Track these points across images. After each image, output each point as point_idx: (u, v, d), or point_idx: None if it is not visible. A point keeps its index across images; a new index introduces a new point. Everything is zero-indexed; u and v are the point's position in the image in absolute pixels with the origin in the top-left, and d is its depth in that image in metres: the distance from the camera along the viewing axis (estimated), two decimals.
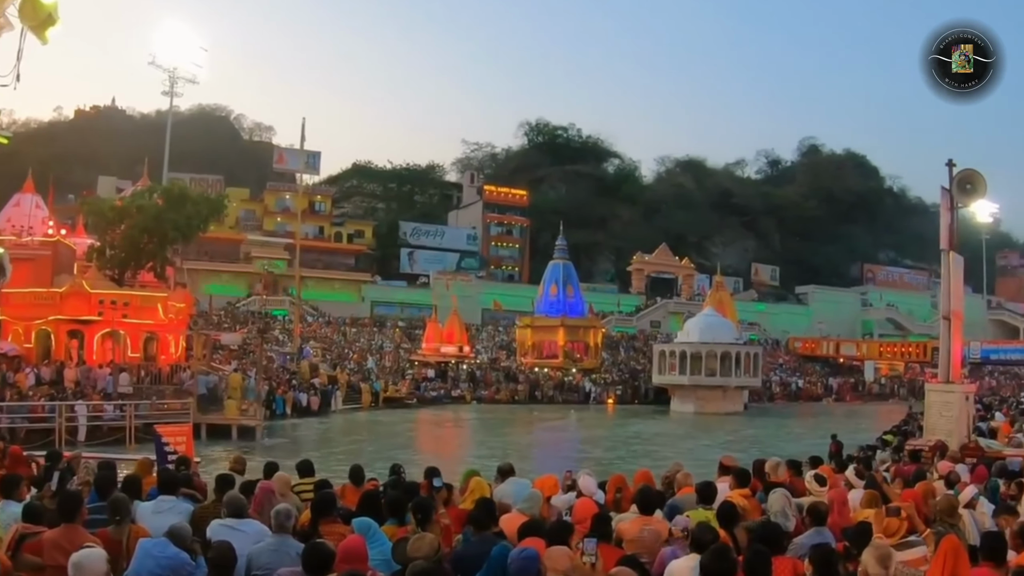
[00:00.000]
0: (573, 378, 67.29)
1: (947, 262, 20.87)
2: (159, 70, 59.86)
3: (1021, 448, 19.35)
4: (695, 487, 10.33)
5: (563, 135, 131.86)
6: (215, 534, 7.60)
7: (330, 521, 8.14)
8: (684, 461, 15.49)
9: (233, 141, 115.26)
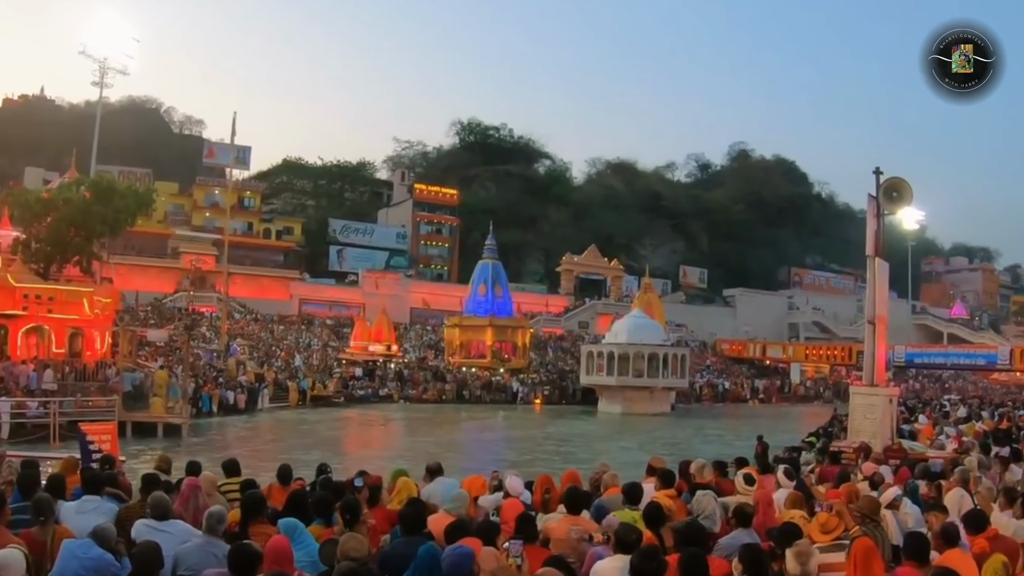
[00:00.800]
0: (501, 378, 67.25)
1: (873, 268, 21.13)
2: (90, 60, 58.98)
3: (943, 450, 19.62)
4: (622, 488, 10.40)
5: (495, 135, 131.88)
6: (140, 535, 7.54)
7: (260, 522, 8.10)
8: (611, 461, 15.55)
9: (163, 134, 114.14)
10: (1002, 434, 23.92)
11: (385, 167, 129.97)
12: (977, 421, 30.93)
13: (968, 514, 9.46)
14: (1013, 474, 14.88)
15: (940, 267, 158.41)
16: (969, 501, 11.22)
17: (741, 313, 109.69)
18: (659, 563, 6.08)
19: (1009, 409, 41.53)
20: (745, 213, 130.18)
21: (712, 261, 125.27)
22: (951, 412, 37.29)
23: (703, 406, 70.83)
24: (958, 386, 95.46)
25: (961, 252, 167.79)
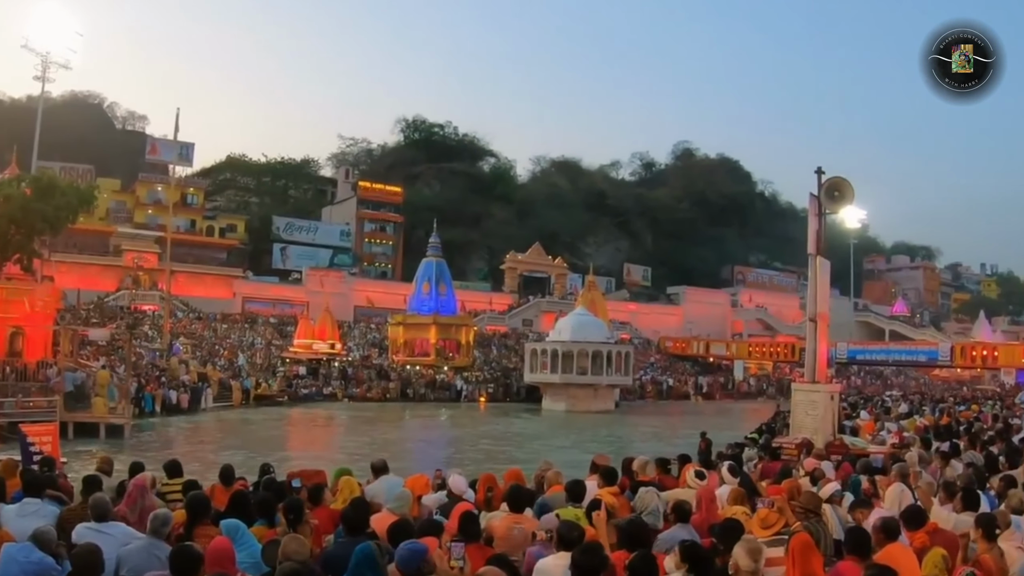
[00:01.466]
0: (445, 376, 67.15)
1: (814, 266, 21.28)
2: (32, 54, 58.20)
3: (884, 445, 19.76)
4: (565, 485, 10.39)
5: (439, 133, 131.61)
6: (81, 537, 7.42)
7: (204, 524, 8.02)
8: (554, 459, 15.55)
9: (105, 130, 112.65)
10: (943, 429, 24.12)
11: (329, 164, 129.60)
12: (918, 417, 31.24)
13: (907, 510, 9.52)
14: (953, 469, 14.99)
15: (882, 265, 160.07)
16: (909, 496, 11.29)
17: (685, 311, 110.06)
18: (601, 559, 6.10)
19: (950, 405, 41.96)
20: (689, 211, 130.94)
21: (656, 259, 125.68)
22: (892, 408, 37.58)
23: (647, 403, 71.13)
24: (900, 382, 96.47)
25: (903, 250, 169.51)
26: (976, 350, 73.97)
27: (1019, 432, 24.88)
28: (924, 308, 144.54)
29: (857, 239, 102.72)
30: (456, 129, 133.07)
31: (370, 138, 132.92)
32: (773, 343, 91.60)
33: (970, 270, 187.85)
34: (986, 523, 8.29)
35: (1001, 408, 39.90)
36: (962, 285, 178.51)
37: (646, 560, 6.25)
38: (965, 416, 31.97)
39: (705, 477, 11.82)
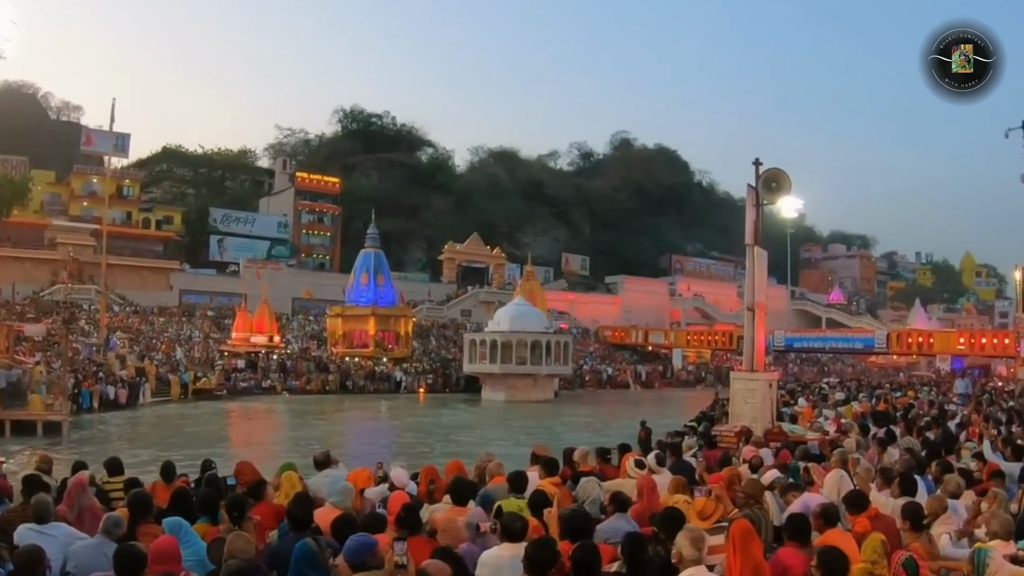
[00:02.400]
0: (384, 367, 67.00)
1: (752, 256, 21.38)
2: None
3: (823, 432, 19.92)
4: (507, 477, 10.39)
5: (377, 123, 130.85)
6: (22, 539, 7.34)
7: (147, 522, 7.94)
8: (495, 449, 15.56)
9: (39, 120, 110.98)
10: (879, 415, 24.33)
11: (266, 155, 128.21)
12: (855, 403, 31.51)
13: (849, 494, 9.65)
14: (890, 455, 15.12)
15: (819, 254, 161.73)
16: (848, 482, 11.39)
17: (623, 300, 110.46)
18: (553, 553, 6.12)
19: (886, 391, 42.31)
20: (627, 201, 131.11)
21: (594, 249, 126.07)
22: (830, 395, 37.82)
23: (587, 392, 71.35)
24: (836, 369, 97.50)
25: (839, 239, 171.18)
26: (912, 337, 74.82)
27: (954, 418, 25.18)
28: (860, 296, 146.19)
29: (794, 228, 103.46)
30: (394, 119, 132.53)
31: (308, 128, 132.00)
32: (711, 331, 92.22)
33: (906, 258, 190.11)
34: (912, 513, 8.39)
35: (937, 394, 40.36)
36: (898, 273, 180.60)
37: (589, 551, 6.27)
38: (901, 402, 32.30)
39: (645, 466, 11.87)
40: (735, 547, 6.78)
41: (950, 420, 24.26)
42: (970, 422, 22.92)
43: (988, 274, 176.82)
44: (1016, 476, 12.77)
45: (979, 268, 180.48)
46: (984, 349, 69.17)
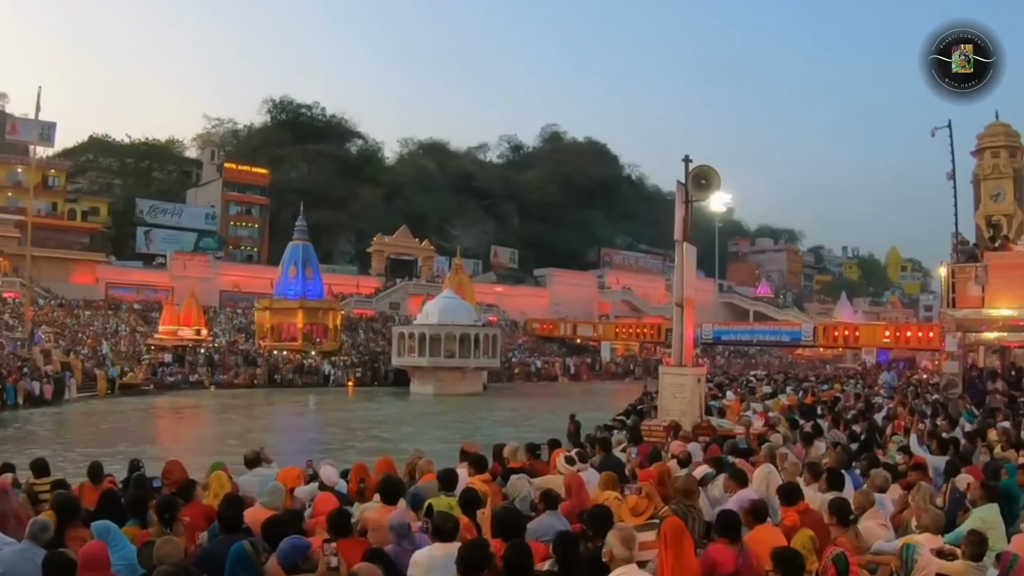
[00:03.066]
0: (313, 361, 66.80)
1: (681, 252, 21.46)
2: None
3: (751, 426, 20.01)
4: (436, 474, 10.36)
5: (307, 113, 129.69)
6: None
7: (75, 526, 7.79)
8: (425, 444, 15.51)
9: None
10: (806, 409, 24.51)
11: (195, 145, 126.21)
12: (782, 397, 31.68)
13: (782, 487, 9.68)
14: (817, 448, 15.23)
15: (746, 248, 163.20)
16: (777, 477, 11.44)
17: (552, 293, 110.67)
18: (486, 554, 6.11)
19: (813, 384, 42.58)
20: (556, 194, 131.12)
21: (523, 242, 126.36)
22: (757, 388, 38.01)
23: (515, 385, 71.52)
24: (763, 362, 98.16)
25: (766, 234, 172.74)
26: (838, 330, 75.77)
27: (880, 411, 25.40)
28: (787, 289, 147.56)
29: (722, 222, 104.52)
30: (324, 110, 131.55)
31: (236, 118, 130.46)
32: (640, 324, 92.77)
33: (832, 253, 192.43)
34: (839, 509, 8.44)
35: (863, 387, 40.60)
36: (824, 267, 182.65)
37: (521, 550, 6.26)
38: (828, 395, 32.49)
39: (575, 462, 11.87)
40: (667, 544, 6.79)
41: (876, 413, 24.44)
42: (896, 415, 23.09)
43: (913, 268, 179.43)
44: (941, 469, 12.88)
45: (904, 263, 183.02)
46: (909, 342, 70.09)
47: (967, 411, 23.62)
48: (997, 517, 9.20)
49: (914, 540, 7.98)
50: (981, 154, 34.06)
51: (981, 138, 34.15)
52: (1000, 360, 34.32)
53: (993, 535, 8.42)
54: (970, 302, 29.97)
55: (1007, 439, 16.86)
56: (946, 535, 8.62)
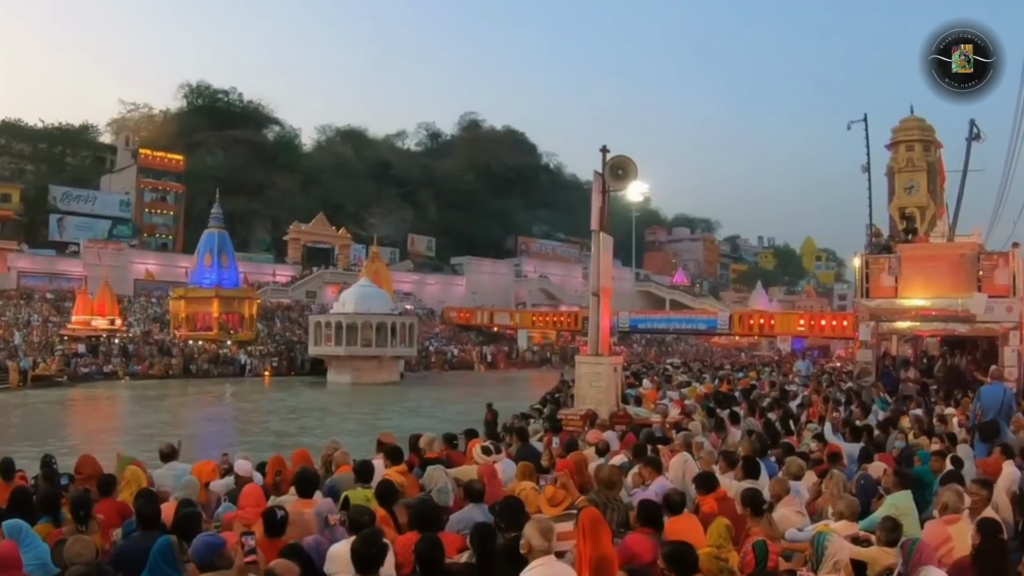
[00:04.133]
0: (228, 351, 66.29)
1: (597, 242, 21.52)
2: None
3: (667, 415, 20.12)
4: (352, 466, 10.31)
5: (224, 99, 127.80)
6: None
7: None
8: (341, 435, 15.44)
9: None
10: (722, 397, 24.69)
11: (109, 131, 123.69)
12: (698, 385, 31.90)
13: (699, 475, 9.80)
14: (733, 436, 15.36)
15: (663, 237, 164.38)
16: (693, 466, 11.53)
17: (469, 281, 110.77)
18: (379, 547, 6.09)
19: (729, 372, 42.94)
20: (474, 182, 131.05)
21: (440, 230, 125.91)
22: (674, 376, 38.22)
23: (432, 374, 71.59)
24: (680, 349, 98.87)
25: (683, 223, 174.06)
26: (753, 318, 76.60)
27: (795, 399, 25.67)
28: (704, 278, 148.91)
29: (639, 212, 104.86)
30: (241, 96, 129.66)
31: (152, 103, 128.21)
32: (556, 313, 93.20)
33: (748, 242, 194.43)
34: (751, 499, 8.49)
35: (778, 375, 41.01)
36: (740, 256, 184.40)
37: (431, 543, 6.26)
38: (743, 384, 32.74)
39: (491, 452, 11.88)
40: (584, 534, 6.81)
41: (791, 401, 24.71)
42: (811, 403, 23.36)
43: (828, 258, 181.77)
44: (855, 457, 13.04)
45: (819, 252, 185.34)
46: (824, 331, 71.02)
47: (880, 399, 23.91)
48: (910, 503, 9.31)
49: (829, 527, 8.06)
50: (896, 147, 34.63)
51: (896, 132, 34.76)
52: (913, 349, 34.91)
53: (906, 521, 8.52)
54: (883, 292, 30.37)
55: (919, 426, 17.17)
56: (860, 522, 8.72)
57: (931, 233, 33.67)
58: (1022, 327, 28.00)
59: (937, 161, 34.73)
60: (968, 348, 31.00)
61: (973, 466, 12.66)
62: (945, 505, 8.59)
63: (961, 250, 30.69)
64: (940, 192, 35.25)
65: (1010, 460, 12.12)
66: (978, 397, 16.75)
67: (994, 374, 18.48)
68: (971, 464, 12.86)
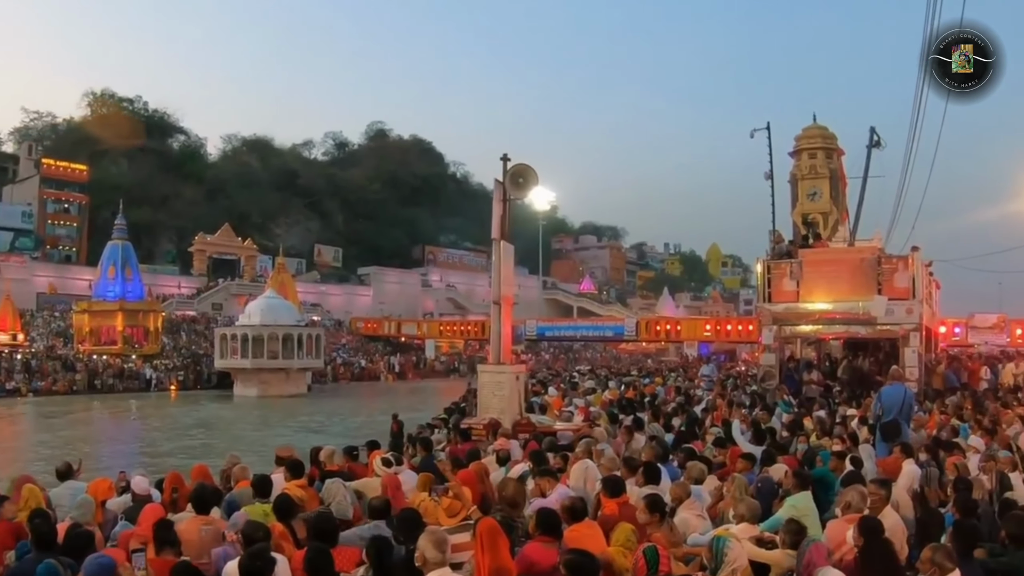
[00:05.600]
0: (134, 365, 65.44)
1: (498, 251, 21.57)
2: None
3: (571, 422, 20.16)
4: (251, 481, 10.21)
5: (129, 107, 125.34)
6: None
7: None
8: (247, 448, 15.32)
9: None
10: (627, 403, 24.78)
11: (11, 140, 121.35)
12: (604, 391, 32.03)
13: (606, 479, 9.89)
14: (637, 442, 15.39)
15: (570, 245, 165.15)
16: (595, 472, 11.54)
17: (376, 291, 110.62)
18: (265, 562, 6.05)
19: (635, 378, 43.04)
20: (381, 192, 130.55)
21: (348, 240, 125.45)
22: (580, 383, 38.26)
23: (340, 385, 71.39)
24: (588, 356, 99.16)
25: (590, 231, 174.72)
26: (660, 325, 77.18)
27: (699, 403, 25.86)
28: (611, 285, 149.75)
29: (546, 220, 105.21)
30: (147, 104, 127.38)
31: (56, 112, 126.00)
32: (464, 322, 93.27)
33: (654, 249, 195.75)
34: (651, 504, 8.51)
35: (684, 380, 41.24)
36: (647, 263, 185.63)
37: (319, 553, 6.25)
38: (649, 389, 32.88)
39: (392, 464, 11.83)
40: (482, 545, 6.79)
41: (696, 405, 24.88)
42: (715, 407, 23.53)
43: (733, 264, 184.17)
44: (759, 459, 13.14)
45: (725, 258, 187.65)
46: (729, 335, 71.88)
47: (784, 401, 24.13)
48: (809, 505, 9.42)
49: (730, 531, 8.11)
50: (799, 155, 35.12)
51: (799, 140, 35.25)
52: (816, 351, 35.33)
53: (807, 522, 8.60)
54: (786, 297, 30.70)
55: (822, 428, 17.38)
56: (762, 524, 8.78)
57: (833, 238, 34.16)
58: (921, 328, 28.50)
59: (839, 168, 35.25)
60: (870, 350, 31.49)
61: (874, 466, 12.89)
62: (848, 504, 8.71)
63: (861, 254, 31.15)
64: (842, 198, 35.77)
65: (910, 459, 12.39)
66: (879, 398, 17.01)
67: (893, 375, 18.74)
68: (872, 464, 13.10)
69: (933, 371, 31.31)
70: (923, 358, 28.70)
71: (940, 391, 28.31)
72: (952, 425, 17.90)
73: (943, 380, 30.49)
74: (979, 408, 21.41)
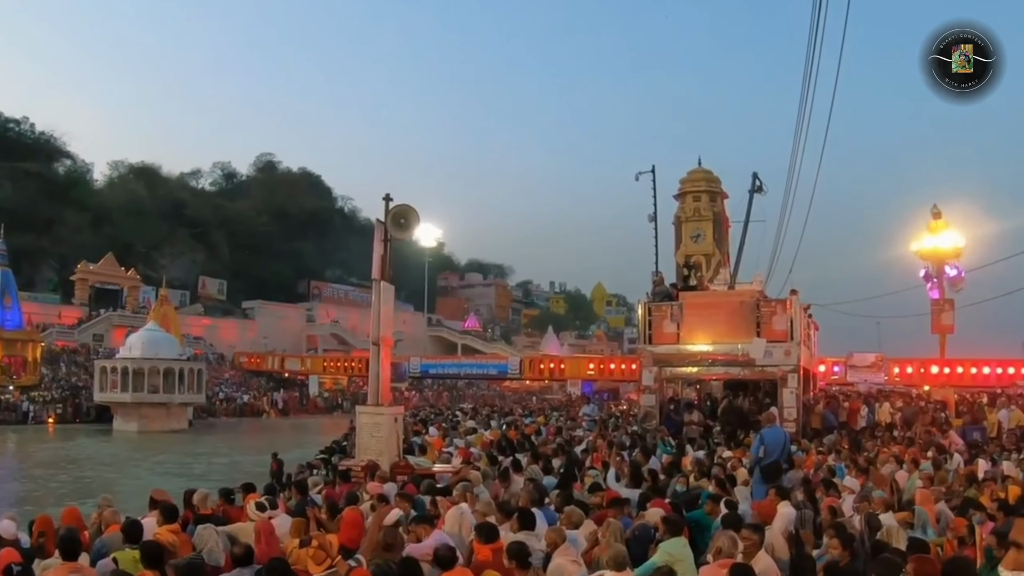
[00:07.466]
0: (11, 396, 64.10)
1: (378, 290, 21.56)
2: None
3: (450, 464, 20.17)
4: (121, 526, 10.08)
5: (15, 128, 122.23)
6: None
7: None
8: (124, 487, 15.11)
9: None
10: (507, 444, 24.83)
11: None
12: (485, 431, 31.98)
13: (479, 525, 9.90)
14: (516, 485, 15.42)
15: (456, 282, 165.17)
16: (470, 516, 11.53)
17: (261, 325, 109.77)
18: None
19: (517, 417, 42.97)
20: (268, 225, 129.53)
21: (233, 272, 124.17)
22: (462, 423, 38.19)
23: (222, 421, 70.51)
24: (472, 394, 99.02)
25: (476, 268, 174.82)
26: (544, 363, 77.40)
27: (580, 444, 25.95)
28: (496, 323, 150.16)
29: (432, 257, 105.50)
30: (33, 126, 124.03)
31: None
32: (348, 358, 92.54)
33: (540, 287, 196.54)
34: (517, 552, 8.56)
35: (565, 419, 41.29)
36: (532, 301, 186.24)
37: None
38: (531, 429, 32.91)
39: (266, 508, 11.74)
40: None
41: (576, 446, 24.96)
42: (596, 448, 23.61)
43: (618, 303, 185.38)
44: (635, 502, 13.25)
45: (610, 297, 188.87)
46: (613, 374, 72.34)
47: (663, 442, 24.35)
48: (684, 551, 9.51)
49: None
50: (683, 198, 35.65)
51: (684, 182, 35.78)
52: (697, 392, 35.74)
53: (681, 568, 8.71)
54: (667, 339, 31.05)
55: (699, 469, 17.51)
56: (636, 570, 8.85)
57: (715, 280, 34.64)
58: (799, 370, 28.99)
59: (722, 211, 35.78)
60: (750, 390, 31.93)
61: (749, 508, 13.04)
62: (719, 550, 8.82)
63: (741, 297, 31.66)
64: (725, 241, 36.27)
65: (785, 500, 12.56)
66: (761, 439, 17.25)
67: (767, 418, 19.08)
68: (747, 506, 13.25)
69: (811, 410, 31.83)
70: (801, 398, 29.18)
71: (818, 430, 28.92)
72: (828, 465, 18.26)
73: (821, 420, 31.04)
74: (856, 447, 21.87)
